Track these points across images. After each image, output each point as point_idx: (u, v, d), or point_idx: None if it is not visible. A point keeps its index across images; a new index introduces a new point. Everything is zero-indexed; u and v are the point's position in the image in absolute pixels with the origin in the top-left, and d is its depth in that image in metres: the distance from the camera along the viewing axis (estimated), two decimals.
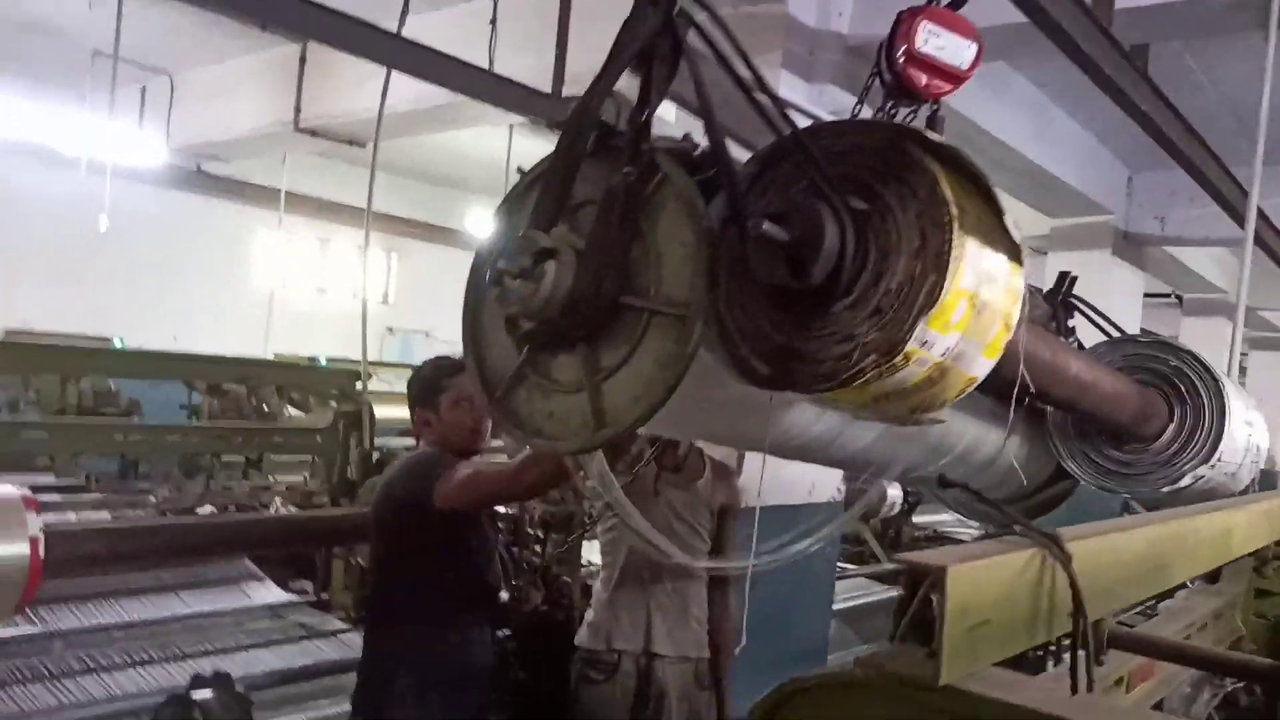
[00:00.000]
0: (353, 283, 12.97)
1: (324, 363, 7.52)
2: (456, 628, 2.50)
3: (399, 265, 13.34)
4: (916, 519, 6.98)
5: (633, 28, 1.17)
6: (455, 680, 2.48)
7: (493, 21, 4.74)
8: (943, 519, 8.64)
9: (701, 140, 1.19)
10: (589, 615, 2.86)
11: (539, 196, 1.22)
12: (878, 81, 1.77)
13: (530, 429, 1.22)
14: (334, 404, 4.91)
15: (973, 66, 1.71)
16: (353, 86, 6.06)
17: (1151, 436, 1.94)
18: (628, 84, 1.20)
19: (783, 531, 1.63)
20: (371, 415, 4.27)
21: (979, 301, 1.02)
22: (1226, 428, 1.86)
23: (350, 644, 3.15)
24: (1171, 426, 1.94)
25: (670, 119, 1.73)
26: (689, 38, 1.17)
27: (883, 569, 6.09)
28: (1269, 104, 2.99)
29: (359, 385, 4.79)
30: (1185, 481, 1.89)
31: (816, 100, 3.24)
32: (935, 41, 1.67)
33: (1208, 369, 1.93)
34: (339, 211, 11.36)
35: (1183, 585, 2.48)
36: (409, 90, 4.70)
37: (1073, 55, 2.56)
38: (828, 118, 1.26)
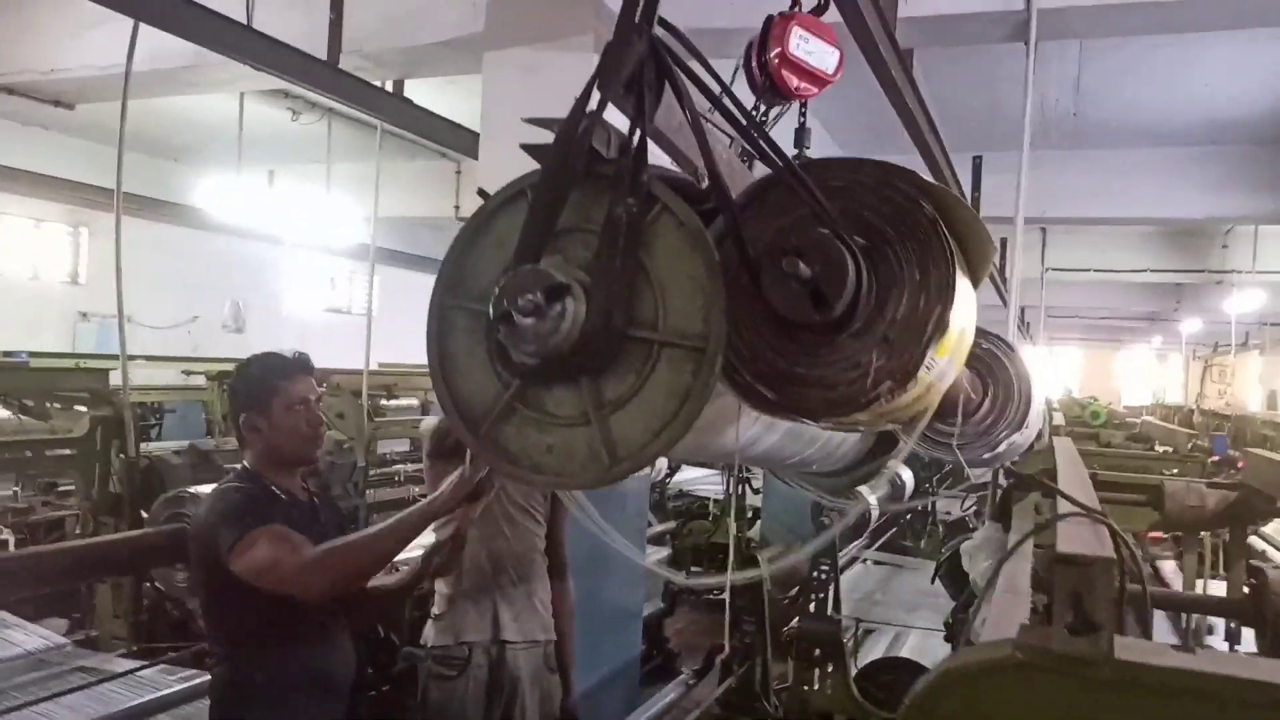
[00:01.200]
0: (29, 261, 11.29)
1: (25, 358, 6.51)
2: (302, 646, 2.30)
3: (91, 242, 11.77)
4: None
5: (619, 53, 1.16)
6: (311, 702, 2.31)
7: None
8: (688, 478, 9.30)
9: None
10: (434, 613, 2.82)
11: (526, 226, 1.18)
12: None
13: (526, 464, 1.19)
14: (84, 409, 4.26)
15: (836, 71, 1.84)
16: (64, 39, 5.21)
17: (972, 411, 2.23)
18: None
19: None
20: (135, 419, 3.79)
21: (964, 326, 1.15)
22: (1033, 402, 2.18)
23: (154, 681, 2.84)
24: (987, 401, 2.24)
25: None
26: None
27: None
28: (1031, 105, 3.50)
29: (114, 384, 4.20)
30: (1001, 449, 2.20)
31: None
32: (805, 46, 1.78)
33: (1011, 349, 2.25)
34: (12, 178, 9.80)
35: None
36: (142, 46, 4.14)
37: (865, 49, 2.80)
38: None
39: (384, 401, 6.27)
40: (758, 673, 3.07)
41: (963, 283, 1.15)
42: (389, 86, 4.74)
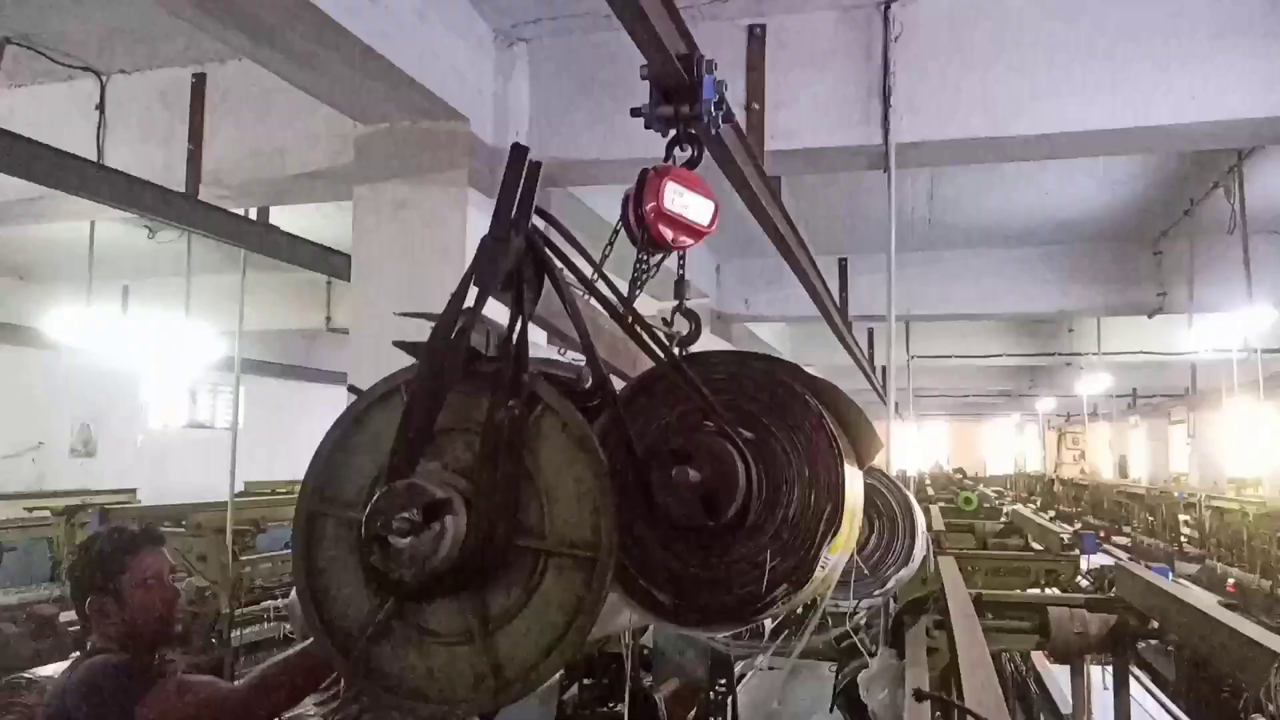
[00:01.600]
0: None
1: None
2: None
3: None
4: None
5: (497, 251, 1.13)
6: None
7: (99, 107, 4.09)
8: None
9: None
10: None
11: (400, 430, 1.11)
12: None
13: (405, 690, 1.09)
14: None
15: (712, 222, 1.87)
16: None
17: (860, 547, 2.24)
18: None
19: None
20: None
21: (853, 515, 1.13)
22: (916, 529, 2.21)
23: None
24: (873, 538, 2.26)
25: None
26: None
27: None
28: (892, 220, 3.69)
29: None
30: (890, 585, 2.21)
31: None
32: (680, 200, 1.81)
33: (894, 483, 2.29)
34: None
35: None
36: None
37: (736, 183, 2.90)
38: None
39: (252, 536, 5.86)
40: None
41: (850, 470, 1.15)
42: (253, 214, 4.60)
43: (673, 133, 1.80)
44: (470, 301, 1.14)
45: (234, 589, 4.80)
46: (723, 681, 4.10)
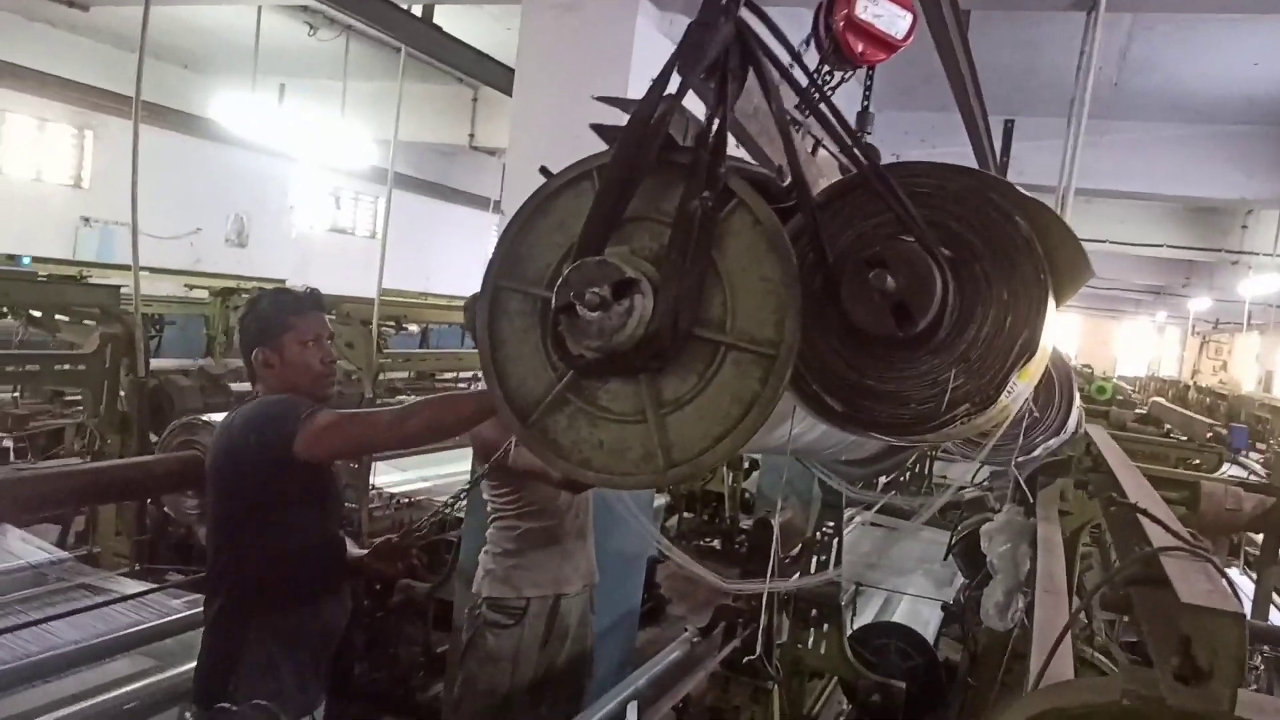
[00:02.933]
0: (31, 163, 11.08)
1: (27, 262, 6.42)
2: (309, 591, 2.33)
3: (96, 146, 11.54)
4: None
5: (703, 36, 1.09)
6: (307, 647, 2.33)
7: None
8: None
9: None
10: (490, 565, 2.82)
11: (592, 212, 1.12)
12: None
13: (575, 458, 1.14)
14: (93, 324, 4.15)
15: (907, 36, 1.75)
16: None
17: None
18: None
19: None
20: (145, 337, 3.72)
21: (1045, 350, 1.09)
22: (1074, 402, 2.13)
23: (159, 605, 2.83)
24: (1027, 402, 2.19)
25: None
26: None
27: None
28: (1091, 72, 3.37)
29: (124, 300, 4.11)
30: (1037, 453, 2.15)
31: (668, 30, 3.17)
32: (873, 9, 1.70)
33: (1060, 357, 2.19)
34: (21, 77, 9.56)
35: None
36: None
37: (930, 16, 2.69)
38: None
39: (390, 333, 6.21)
40: (760, 633, 3.09)
41: (1051, 302, 1.10)
42: (418, 11, 4.56)
43: None
44: (671, 90, 1.11)
45: (376, 376, 5.13)
46: (830, 524, 4.17)
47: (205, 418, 2.88)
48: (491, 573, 2.81)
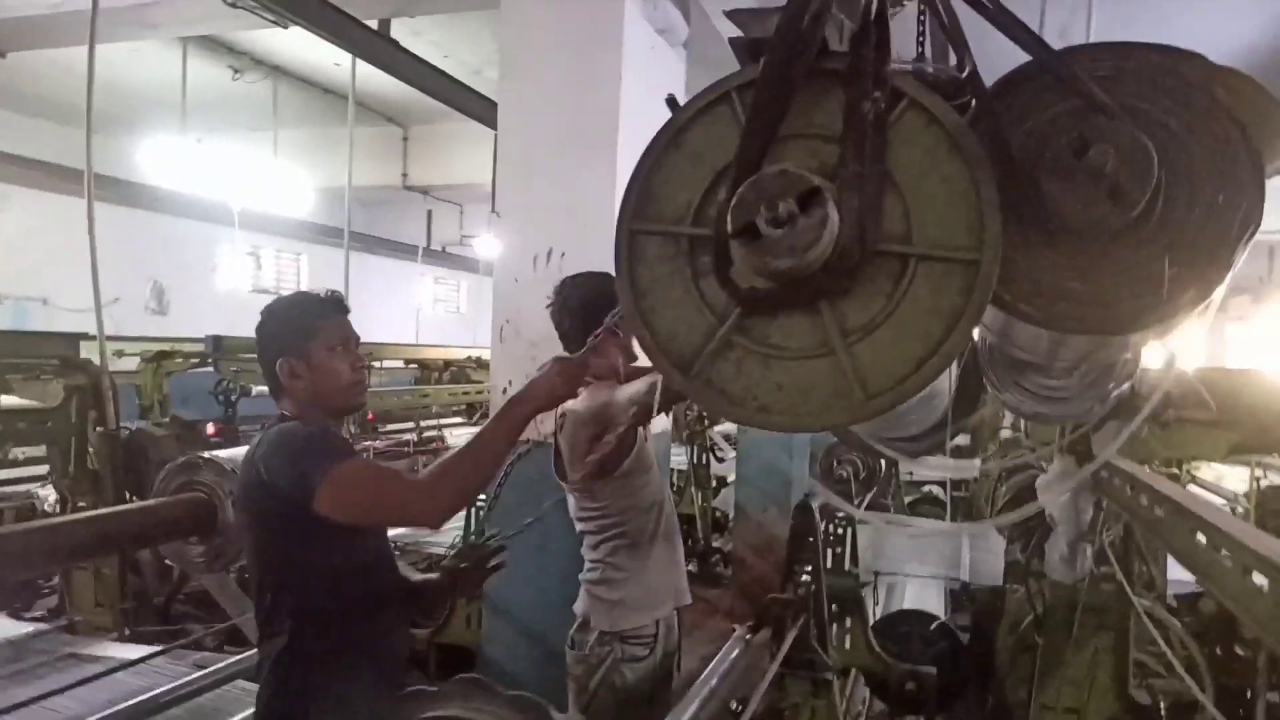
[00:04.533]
0: None
1: None
2: (377, 609, 2.09)
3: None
4: None
5: None
6: (383, 672, 2.10)
7: None
8: None
9: None
10: (607, 594, 2.46)
11: (747, 128, 1.01)
12: None
13: (750, 405, 1.02)
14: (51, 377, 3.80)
15: None
16: None
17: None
18: None
19: None
20: (114, 387, 3.43)
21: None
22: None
23: (159, 669, 2.58)
24: None
25: None
26: None
27: None
28: None
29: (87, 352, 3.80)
30: (1110, 402, 2.08)
31: (650, 15, 3.05)
32: None
33: None
34: None
35: None
36: None
37: None
38: None
39: None
40: (813, 627, 2.96)
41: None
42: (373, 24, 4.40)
43: None
44: None
45: None
46: (841, 516, 4.04)
47: (206, 454, 2.63)
48: (615, 603, 2.45)
